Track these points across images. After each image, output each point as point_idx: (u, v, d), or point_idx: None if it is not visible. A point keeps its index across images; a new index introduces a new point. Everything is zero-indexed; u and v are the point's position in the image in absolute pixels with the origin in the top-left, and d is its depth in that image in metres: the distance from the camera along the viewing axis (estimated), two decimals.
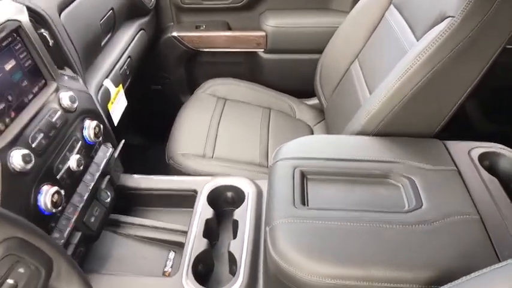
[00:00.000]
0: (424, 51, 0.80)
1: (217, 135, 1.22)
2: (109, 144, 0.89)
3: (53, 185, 0.70)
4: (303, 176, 0.79)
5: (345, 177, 0.78)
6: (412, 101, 0.83)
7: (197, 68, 1.58)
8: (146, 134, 1.67)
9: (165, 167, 1.17)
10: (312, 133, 1.33)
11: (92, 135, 0.80)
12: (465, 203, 0.70)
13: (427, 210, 0.70)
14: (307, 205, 0.73)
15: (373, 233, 0.66)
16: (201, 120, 1.28)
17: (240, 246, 0.81)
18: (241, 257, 0.80)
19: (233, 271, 0.82)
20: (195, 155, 1.15)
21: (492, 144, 0.84)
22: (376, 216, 0.69)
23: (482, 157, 0.82)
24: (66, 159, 0.75)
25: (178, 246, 0.91)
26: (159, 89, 1.61)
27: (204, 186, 0.96)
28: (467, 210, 0.69)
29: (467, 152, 0.83)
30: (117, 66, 1.12)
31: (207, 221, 0.88)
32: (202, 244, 0.83)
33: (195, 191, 0.96)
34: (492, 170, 0.82)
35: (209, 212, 0.90)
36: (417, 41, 0.88)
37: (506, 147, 0.83)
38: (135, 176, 1.00)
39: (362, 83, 1.06)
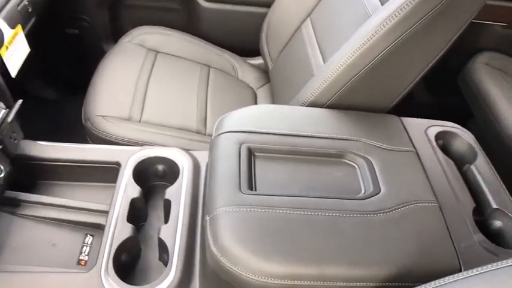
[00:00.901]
0: (391, 17, 0.70)
1: (147, 95, 1.05)
2: (1, 104, 0.69)
3: None
4: (251, 153, 0.67)
5: (297, 155, 0.69)
6: (372, 72, 0.75)
7: (123, 11, 1.34)
8: (59, 88, 1.42)
9: (81, 131, 0.98)
10: (255, 96, 1.21)
11: None
12: (424, 189, 0.65)
13: (385, 196, 0.63)
14: (255, 189, 0.63)
15: (328, 224, 0.58)
16: (126, 75, 1.09)
17: (172, 232, 0.69)
18: (173, 245, 0.68)
19: (164, 259, 0.71)
20: (118, 117, 0.97)
21: (448, 123, 0.80)
22: (332, 204, 0.61)
23: (438, 136, 0.77)
24: None
25: (97, 229, 0.76)
26: (76, 33, 1.35)
27: (130, 158, 0.80)
28: (426, 197, 0.64)
29: (424, 130, 0.77)
30: (13, 1, 0.87)
31: (133, 202, 0.74)
32: (126, 230, 0.69)
33: (118, 164, 0.80)
34: (445, 149, 0.78)
35: (135, 191, 0.75)
36: (382, 5, 0.78)
37: (461, 128, 0.79)
38: (41, 143, 0.81)
39: (314, 47, 0.95)
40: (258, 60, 1.32)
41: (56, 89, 1.42)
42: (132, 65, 1.12)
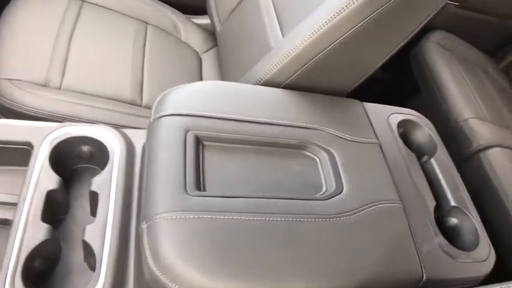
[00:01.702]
0: None
1: (69, 54, 0.87)
2: None
3: None
4: (199, 143, 0.57)
5: (253, 146, 0.59)
6: (339, 51, 0.66)
7: None
8: None
9: None
10: (200, 62, 1.08)
11: None
12: (388, 188, 0.60)
13: (348, 196, 0.57)
14: (204, 189, 0.53)
15: (287, 231, 0.51)
16: (43, 28, 0.89)
17: (100, 233, 0.58)
18: (102, 249, 0.57)
19: (90, 262, 0.59)
20: (32, 82, 0.79)
21: (409, 110, 0.75)
22: (291, 206, 0.54)
23: (399, 125, 0.73)
24: None
25: (3, 225, 0.62)
26: None
27: (46, 138, 0.65)
28: (390, 196, 0.59)
29: (386, 118, 0.72)
30: None
31: (49, 194, 0.60)
32: (40, 231, 0.56)
33: (30, 145, 0.65)
34: (404, 137, 0.73)
35: (52, 181, 0.61)
36: None
37: (422, 116, 0.75)
38: None
39: (271, 15, 0.83)
40: (204, 20, 1.17)
41: None
42: (50, 15, 0.92)
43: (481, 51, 1.33)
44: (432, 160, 0.70)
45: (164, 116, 0.58)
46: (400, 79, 1.38)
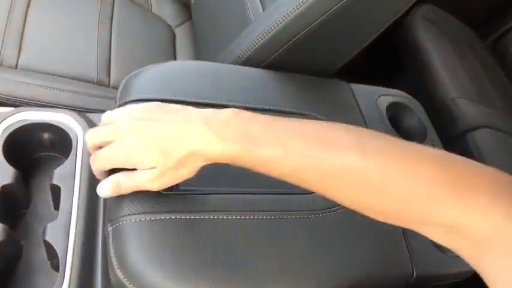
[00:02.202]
0: None
1: (25, 29, 0.78)
2: None
3: None
4: None
5: None
6: (326, 27, 0.60)
7: None
8: None
9: None
10: (174, 37, 1.00)
11: None
12: None
13: None
14: (177, 186, 0.47)
15: (270, 230, 0.47)
16: None
17: (63, 233, 0.52)
18: (66, 249, 0.51)
19: (54, 262, 0.54)
20: None
21: (399, 92, 0.71)
22: (274, 201, 0.49)
23: (388, 108, 0.68)
24: None
25: None
26: None
27: None
28: None
29: (374, 100, 0.67)
30: None
31: (4, 189, 0.54)
32: None
33: None
34: (393, 120, 0.69)
35: (7, 173, 0.55)
36: None
37: (412, 98, 0.71)
38: None
39: None
40: None
41: None
42: None
43: (467, 26, 1.29)
44: None
45: (130, 101, 0.52)
46: (384, 55, 1.33)
